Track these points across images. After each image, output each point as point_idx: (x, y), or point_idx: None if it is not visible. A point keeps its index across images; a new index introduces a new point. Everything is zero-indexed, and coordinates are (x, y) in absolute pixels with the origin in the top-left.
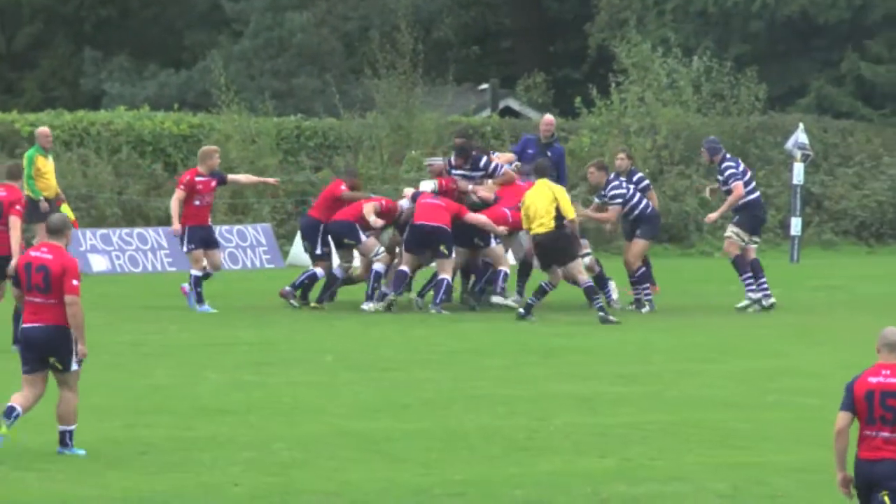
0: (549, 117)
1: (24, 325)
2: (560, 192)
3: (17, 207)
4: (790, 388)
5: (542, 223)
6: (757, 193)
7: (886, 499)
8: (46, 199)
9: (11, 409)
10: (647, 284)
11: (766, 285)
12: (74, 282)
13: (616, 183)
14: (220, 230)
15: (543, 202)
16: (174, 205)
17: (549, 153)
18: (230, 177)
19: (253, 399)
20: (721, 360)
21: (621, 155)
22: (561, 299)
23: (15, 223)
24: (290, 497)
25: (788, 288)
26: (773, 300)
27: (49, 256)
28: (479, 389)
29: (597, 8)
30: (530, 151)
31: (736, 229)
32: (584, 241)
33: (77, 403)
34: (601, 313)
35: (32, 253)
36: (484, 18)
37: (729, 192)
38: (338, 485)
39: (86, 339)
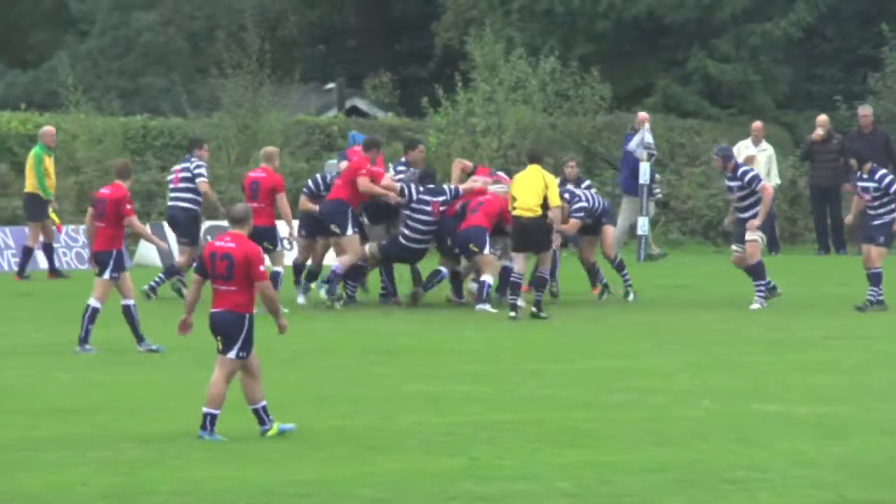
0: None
1: (211, 311)
2: (551, 180)
3: (128, 206)
4: (637, 388)
5: (530, 208)
6: None
7: None
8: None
9: (255, 412)
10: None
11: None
12: (261, 268)
13: (579, 195)
14: (67, 230)
15: (534, 187)
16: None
17: None
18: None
19: (102, 399)
20: (569, 359)
21: (571, 163)
22: (432, 298)
23: (134, 223)
24: (139, 496)
25: (635, 287)
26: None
27: (232, 245)
28: (326, 389)
29: (443, 7)
30: None
31: (759, 233)
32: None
33: (222, 383)
34: (536, 308)
35: (216, 242)
36: (329, 17)
37: (749, 196)
38: (187, 484)
39: (282, 316)
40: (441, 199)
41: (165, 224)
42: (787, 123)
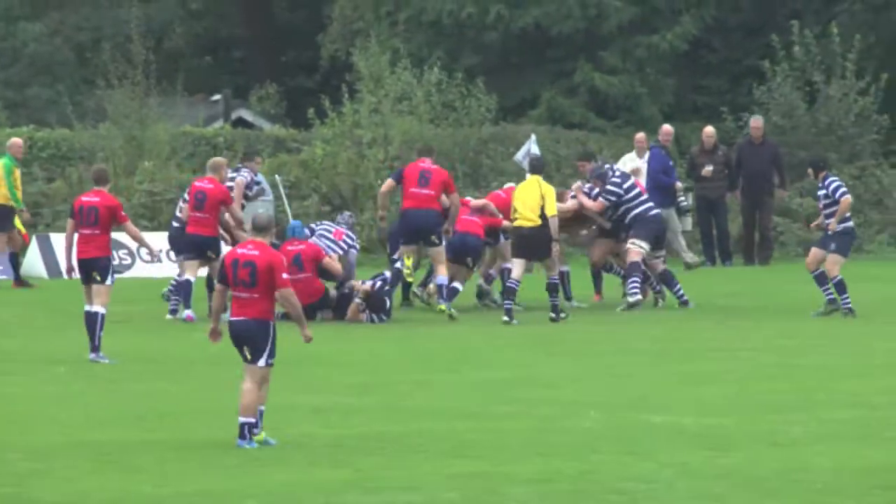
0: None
1: (231, 319)
2: (549, 190)
3: (123, 213)
4: (525, 398)
5: (530, 218)
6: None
7: None
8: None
9: (241, 426)
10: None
11: (681, 291)
12: (284, 275)
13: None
14: None
15: (532, 198)
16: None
17: None
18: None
19: None
20: (457, 370)
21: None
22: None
23: (130, 227)
24: None
25: (522, 297)
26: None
27: (255, 252)
28: (213, 400)
29: (329, 18)
30: None
31: (638, 241)
32: None
33: (255, 397)
34: (554, 313)
35: (239, 250)
36: (215, 29)
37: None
38: (74, 495)
39: (306, 324)
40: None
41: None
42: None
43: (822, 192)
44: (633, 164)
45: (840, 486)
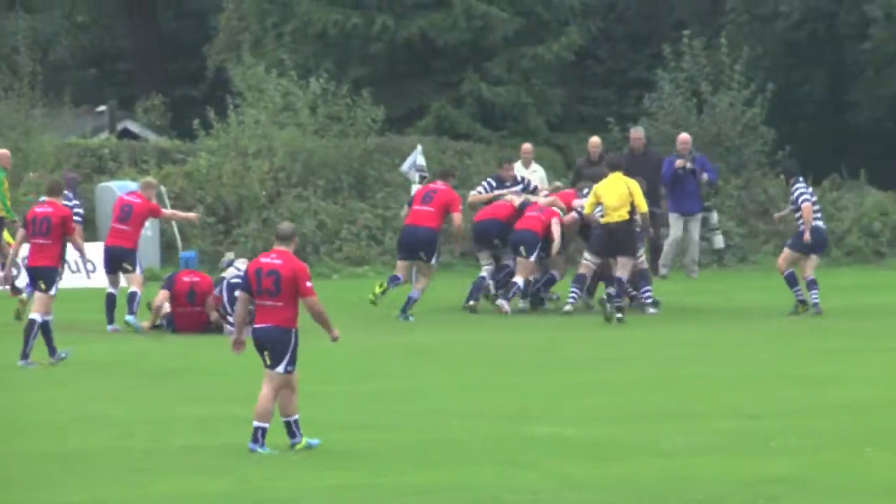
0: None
1: (255, 326)
2: (635, 186)
3: (72, 225)
4: (408, 410)
5: (619, 213)
6: None
7: None
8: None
9: (286, 424)
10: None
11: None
12: (308, 283)
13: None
14: None
15: (618, 193)
16: None
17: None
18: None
19: None
20: (341, 381)
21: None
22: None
23: (76, 240)
24: None
25: (416, 308)
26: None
27: (279, 261)
28: (96, 410)
29: (215, 29)
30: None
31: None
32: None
33: (270, 397)
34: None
35: (262, 259)
36: (101, 41)
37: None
38: None
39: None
40: None
41: None
42: (558, 145)
43: (791, 198)
44: (522, 174)
45: (723, 497)
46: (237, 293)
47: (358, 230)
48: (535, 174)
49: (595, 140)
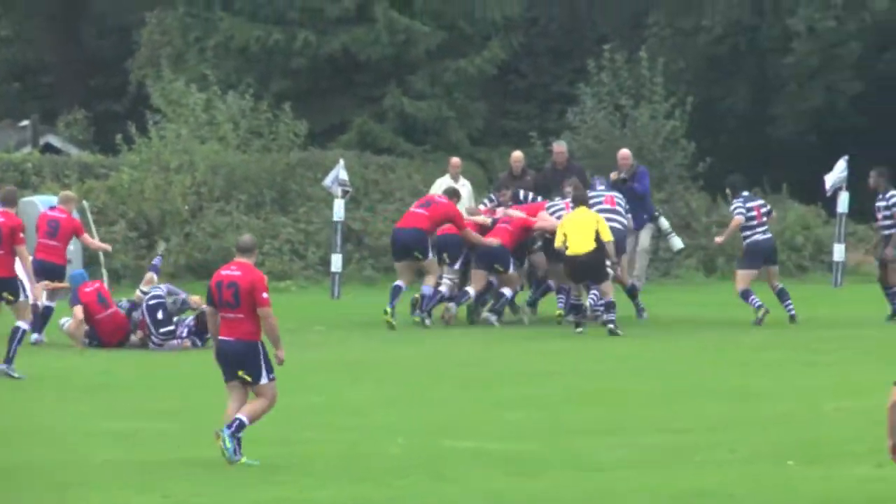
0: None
1: (219, 338)
2: (600, 218)
3: (21, 235)
4: (333, 424)
5: (586, 245)
6: None
7: None
8: None
9: (238, 421)
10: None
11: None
12: (265, 294)
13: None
14: None
15: (585, 227)
16: None
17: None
18: None
19: None
20: None
21: (568, 188)
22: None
23: (21, 251)
24: None
25: (331, 324)
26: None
27: (238, 273)
28: (21, 424)
29: (138, 44)
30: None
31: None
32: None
33: (266, 408)
34: (611, 325)
35: (223, 272)
36: (23, 55)
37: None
38: None
39: (282, 347)
40: None
41: None
42: (480, 160)
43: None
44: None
45: None
46: (159, 313)
47: (280, 245)
48: (465, 188)
49: (517, 154)
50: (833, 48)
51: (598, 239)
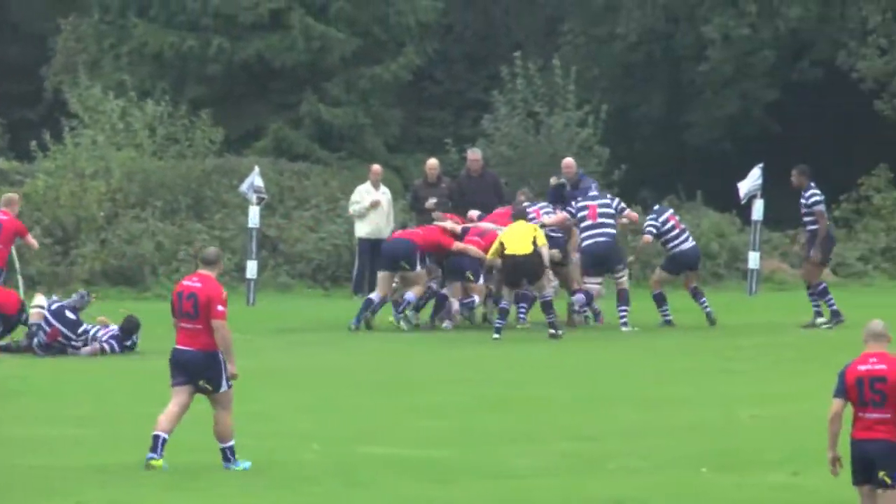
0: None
1: (176, 347)
2: (538, 228)
3: None
4: (248, 431)
5: (523, 246)
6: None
7: (886, 479)
8: None
9: (156, 437)
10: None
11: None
12: (220, 307)
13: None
14: None
15: (523, 237)
16: None
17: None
18: None
19: None
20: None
21: (521, 196)
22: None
23: None
24: None
25: (245, 331)
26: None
27: (198, 285)
28: None
29: (53, 51)
30: None
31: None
32: None
33: (231, 421)
34: (551, 330)
35: (185, 282)
36: None
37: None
38: None
39: (234, 361)
40: None
41: None
42: (396, 167)
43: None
44: (370, 196)
45: None
46: (68, 313)
47: (195, 251)
48: (385, 196)
49: (433, 162)
50: (747, 56)
51: (535, 243)
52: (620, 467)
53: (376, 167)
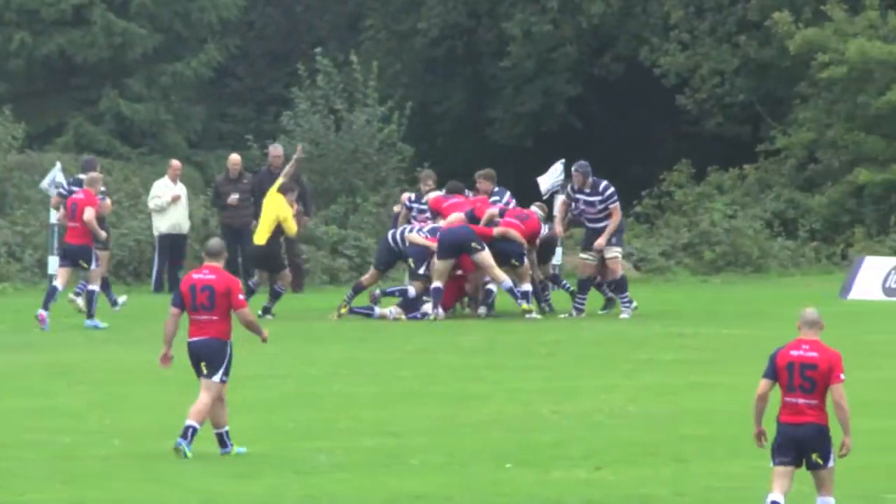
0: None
1: (191, 340)
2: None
3: None
4: (47, 428)
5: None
6: None
7: (819, 459)
8: None
9: (218, 435)
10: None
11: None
12: (241, 297)
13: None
14: None
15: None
16: None
17: None
18: None
19: None
20: None
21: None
22: None
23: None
24: None
25: (47, 326)
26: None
27: (212, 277)
28: None
29: None
30: None
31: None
32: None
33: (208, 405)
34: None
35: (195, 275)
36: None
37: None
38: None
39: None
40: None
41: None
42: (198, 163)
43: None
44: (170, 191)
45: None
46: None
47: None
48: (182, 192)
49: (235, 158)
50: (549, 52)
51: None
52: (424, 463)
53: (175, 163)
